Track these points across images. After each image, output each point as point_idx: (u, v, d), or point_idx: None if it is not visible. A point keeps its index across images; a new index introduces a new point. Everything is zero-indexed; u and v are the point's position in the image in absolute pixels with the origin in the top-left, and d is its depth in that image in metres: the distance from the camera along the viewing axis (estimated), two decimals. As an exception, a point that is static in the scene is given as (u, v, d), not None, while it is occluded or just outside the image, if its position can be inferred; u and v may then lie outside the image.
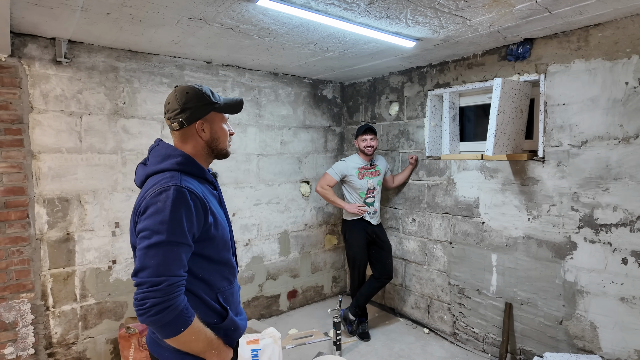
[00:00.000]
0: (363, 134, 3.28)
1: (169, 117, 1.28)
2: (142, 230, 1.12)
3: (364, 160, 3.35)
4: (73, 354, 2.71)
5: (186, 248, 1.14)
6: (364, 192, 3.33)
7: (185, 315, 1.10)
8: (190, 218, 1.14)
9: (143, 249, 1.09)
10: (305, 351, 3.12)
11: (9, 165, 2.44)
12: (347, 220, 3.40)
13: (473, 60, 3.00)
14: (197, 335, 1.15)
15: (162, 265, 1.08)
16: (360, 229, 3.33)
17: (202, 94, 1.28)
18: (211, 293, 1.26)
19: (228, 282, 1.33)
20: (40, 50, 2.52)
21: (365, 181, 3.31)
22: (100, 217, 2.79)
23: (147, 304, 1.05)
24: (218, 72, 3.31)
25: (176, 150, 1.27)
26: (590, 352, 2.44)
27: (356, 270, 3.39)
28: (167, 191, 1.13)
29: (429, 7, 2.04)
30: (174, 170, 1.21)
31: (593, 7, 2.06)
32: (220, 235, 1.27)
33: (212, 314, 1.25)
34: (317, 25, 2.32)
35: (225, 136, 1.36)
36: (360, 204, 3.30)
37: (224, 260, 1.30)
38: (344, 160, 3.39)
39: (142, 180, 1.27)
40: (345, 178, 3.32)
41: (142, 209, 1.15)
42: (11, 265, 2.46)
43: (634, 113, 2.21)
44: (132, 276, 1.11)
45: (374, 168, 3.38)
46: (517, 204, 2.77)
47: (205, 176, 1.31)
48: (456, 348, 3.16)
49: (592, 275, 2.42)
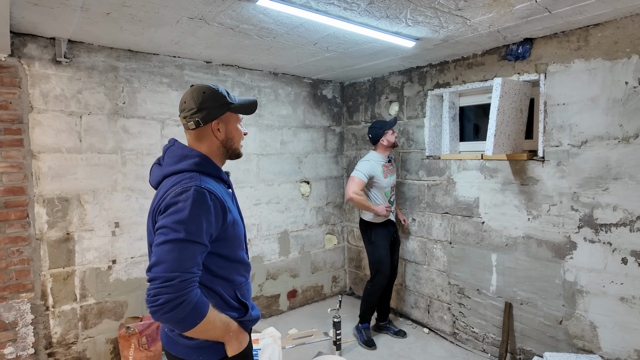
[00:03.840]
0: (391, 127, 3.13)
1: (184, 116, 1.28)
2: (160, 227, 1.13)
3: (384, 157, 3.18)
4: (73, 354, 2.71)
5: (202, 248, 1.15)
6: (389, 191, 3.18)
7: (199, 307, 1.11)
8: (209, 218, 1.15)
9: (159, 245, 1.11)
10: (305, 351, 3.12)
11: (9, 165, 2.44)
12: (372, 222, 3.17)
13: (473, 60, 3.00)
14: (214, 323, 1.17)
15: (176, 261, 1.09)
16: (386, 231, 3.18)
17: (219, 94, 1.28)
18: (230, 290, 1.28)
19: (244, 278, 1.35)
20: (40, 50, 2.52)
21: (389, 179, 3.15)
22: (100, 217, 2.79)
23: (160, 300, 1.05)
24: (218, 72, 3.31)
25: (193, 151, 1.27)
26: (590, 352, 2.44)
27: (382, 275, 3.13)
28: (188, 192, 1.14)
29: (428, 6, 2.04)
30: (192, 171, 1.22)
31: (593, 7, 2.06)
32: (237, 234, 1.29)
33: (233, 310, 1.27)
34: (317, 25, 2.32)
35: (239, 136, 1.37)
36: (387, 204, 3.13)
37: (240, 258, 1.32)
38: (366, 160, 3.15)
39: (159, 180, 1.27)
40: (371, 179, 3.10)
41: (162, 208, 1.15)
42: (11, 265, 2.46)
43: (633, 113, 2.21)
44: (146, 271, 1.12)
45: (392, 164, 3.26)
46: (517, 204, 2.77)
47: (221, 176, 1.32)
48: (456, 348, 3.16)
49: (592, 275, 2.42)
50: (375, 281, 3.15)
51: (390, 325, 3.39)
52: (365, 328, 3.24)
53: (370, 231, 3.18)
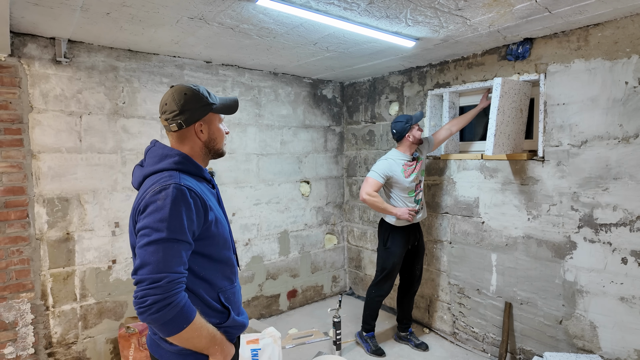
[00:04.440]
0: (417, 122, 2.90)
1: (166, 118, 1.27)
2: (142, 228, 1.12)
3: (406, 154, 2.92)
4: (73, 354, 2.71)
5: (186, 246, 1.14)
6: (413, 190, 2.93)
7: (186, 312, 1.10)
8: (190, 216, 1.14)
9: (143, 246, 1.09)
10: (305, 351, 3.12)
11: (9, 165, 2.44)
12: (392, 225, 2.95)
13: (473, 60, 3.00)
14: (200, 332, 1.15)
15: (162, 262, 1.07)
16: (405, 237, 2.96)
17: (200, 95, 1.27)
18: (212, 293, 1.26)
19: (229, 281, 1.32)
20: (40, 49, 2.52)
21: (411, 178, 2.88)
22: (100, 217, 2.79)
23: (147, 301, 1.05)
24: (218, 72, 3.31)
25: (173, 150, 1.26)
26: (590, 352, 2.44)
27: (390, 283, 3.02)
28: (167, 189, 1.12)
29: (428, 6, 2.04)
30: (172, 170, 1.21)
31: (593, 7, 2.06)
32: (220, 233, 1.27)
33: (214, 314, 1.25)
34: (317, 25, 2.32)
35: (222, 137, 1.36)
36: (410, 207, 2.91)
37: (225, 258, 1.30)
38: (384, 159, 2.92)
39: (140, 181, 1.26)
40: (389, 180, 2.88)
41: (141, 207, 1.14)
42: (11, 265, 2.46)
43: (633, 113, 2.21)
44: (132, 274, 1.11)
45: (417, 160, 2.95)
46: (517, 204, 2.77)
47: (203, 174, 1.31)
48: (456, 348, 3.16)
49: (592, 274, 2.42)
50: (381, 286, 3.03)
51: (411, 337, 3.19)
52: (371, 337, 3.10)
53: (387, 235, 2.97)
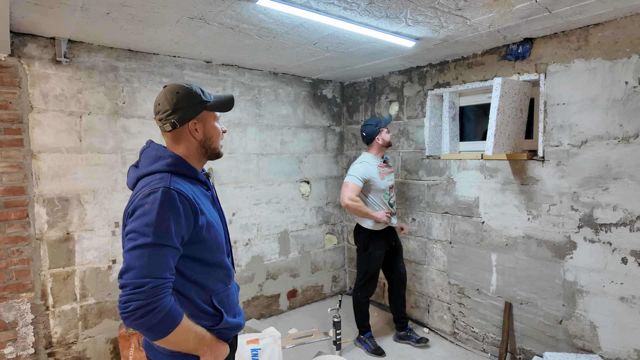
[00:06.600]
0: (386, 125, 2.99)
1: (160, 119, 1.26)
2: (129, 232, 1.10)
3: (378, 158, 3.02)
4: (73, 354, 2.71)
5: (173, 251, 1.12)
6: (387, 194, 2.99)
7: (172, 316, 1.08)
8: (178, 220, 1.12)
9: (129, 250, 1.08)
10: (305, 351, 3.12)
11: (9, 165, 2.44)
12: (369, 229, 2.99)
13: (473, 60, 3.00)
14: (187, 335, 1.13)
15: (146, 267, 1.06)
16: (383, 239, 3.03)
17: (193, 93, 1.26)
18: (205, 296, 1.24)
19: (223, 284, 1.31)
20: (39, 49, 2.52)
21: (386, 180, 2.97)
22: (100, 217, 2.79)
23: (131, 306, 1.03)
24: (218, 72, 3.31)
25: (167, 152, 1.24)
26: (589, 352, 2.44)
27: (374, 284, 3.08)
28: (155, 193, 1.11)
29: (428, 6, 2.04)
30: (164, 172, 1.20)
31: (593, 7, 2.06)
32: (212, 237, 1.25)
33: (207, 317, 1.24)
34: (317, 25, 2.32)
35: (217, 135, 1.35)
36: (386, 209, 2.97)
37: (218, 262, 1.28)
38: (360, 162, 2.96)
39: (134, 182, 1.25)
40: (367, 183, 2.92)
41: (130, 211, 1.14)
42: (11, 264, 2.46)
43: (633, 113, 2.21)
44: (118, 278, 1.09)
45: (388, 164, 3.08)
46: (517, 204, 2.77)
47: (197, 177, 1.29)
48: (456, 347, 3.16)
49: (592, 274, 2.42)
50: (366, 289, 3.08)
51: (411, 334, 3.20)
52: (369, 337, 3.12)
53: (367, 240, 3.01)
